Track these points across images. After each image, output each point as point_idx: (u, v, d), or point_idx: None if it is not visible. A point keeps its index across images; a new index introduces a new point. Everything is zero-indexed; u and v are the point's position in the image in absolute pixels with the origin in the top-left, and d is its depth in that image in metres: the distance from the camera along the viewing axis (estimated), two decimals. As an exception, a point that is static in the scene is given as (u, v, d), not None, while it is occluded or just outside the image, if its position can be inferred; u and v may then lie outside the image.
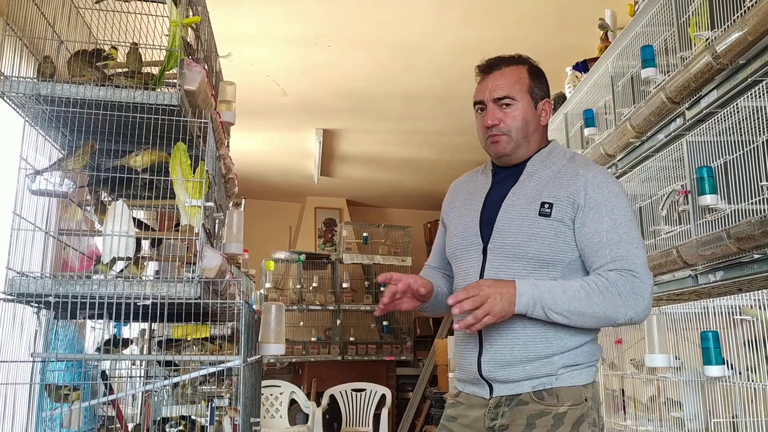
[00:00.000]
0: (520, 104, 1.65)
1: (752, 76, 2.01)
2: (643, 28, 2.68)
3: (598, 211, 1.56)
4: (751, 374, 1.84)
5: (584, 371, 1.57)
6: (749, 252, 1.94)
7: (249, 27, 4.03)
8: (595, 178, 1.59)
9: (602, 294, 1.49)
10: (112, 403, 2.27)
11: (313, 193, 7.79)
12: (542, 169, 1.66)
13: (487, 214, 1.65)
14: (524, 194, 1.63)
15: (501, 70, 1.69)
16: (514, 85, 1.66)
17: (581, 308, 1.49)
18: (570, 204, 1.57)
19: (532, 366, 1.54)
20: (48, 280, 1.81)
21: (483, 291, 1.46)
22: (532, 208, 1.59)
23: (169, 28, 1.91)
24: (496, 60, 1.72)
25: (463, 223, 1.70)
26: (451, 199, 1.83)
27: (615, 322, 1.53)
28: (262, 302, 5.54)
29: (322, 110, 5.36)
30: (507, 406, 1.56)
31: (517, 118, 1.64)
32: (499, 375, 1.56)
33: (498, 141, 1.65)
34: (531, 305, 1.49)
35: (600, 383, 2.75)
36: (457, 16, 3.95)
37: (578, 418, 1.51)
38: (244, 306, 2.24)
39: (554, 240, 1.56)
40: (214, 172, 2.21)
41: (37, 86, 1.80)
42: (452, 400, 1.73)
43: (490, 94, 1.66)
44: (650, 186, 2.62)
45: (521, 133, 1.65)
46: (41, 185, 1.90)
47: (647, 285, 1.51)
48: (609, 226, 1.54)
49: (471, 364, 1.61)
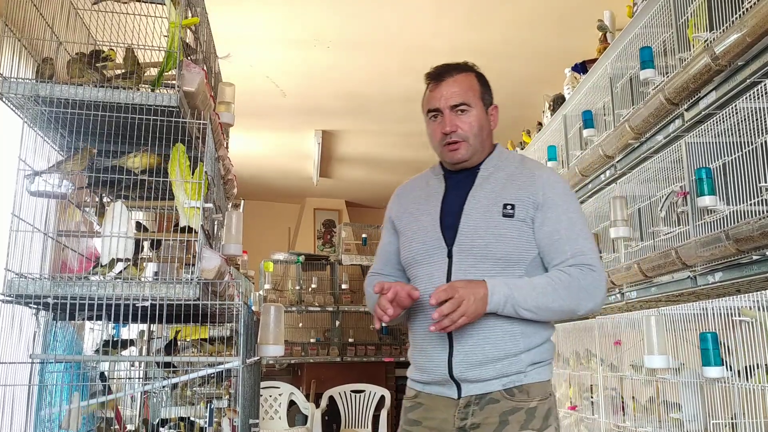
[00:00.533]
0: (475, 110, 1.70)
1: (751, 77, 2.01)
2: (642, 30, 2.68)
3: (555, 210, 1.64)
4: (750, 375, 1.84)
5: (547, 368, 1.65)
6: (748, 253, 1.94)
7: (248, 28, 4.03)
8: (550, 179, 1.68)
9: (566, 289, 1.57)
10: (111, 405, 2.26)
11: (312, 194, 7.80)
12: (496, 172, 1.72)
13: (448, 218, 1.69)
14: (484, 196, 1.68)
15: (453, 77, 1.72)
16: (468, 92, 1.70)
17: (548, 303, 1.57)
18: (531, 204, 1.64)
19: (503, 364, 1.59)
20: (47, 281, 1.81)
21: (458, 293, 1.51)
22: (495, 210, 1.64)
23: (168, 29, 1.91)
24: (445, 67, 1.75)
25: (422, 227, 1.71)
26: (401, 203, 1.84)
27: (575, 314, 1.61)
28: (261, 303, 5.54)
29: (321, 111, 5.37)
30: (477, 404, 1.59)
31: (474, 124, 1.69)
32: (471, 375, 1.59)
33: (457, 148, 1.70)
34: (502, 304, 1.55)
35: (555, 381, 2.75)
36: (456, 18, 3.95)
37: (547, 412, 1.60)
38: (243, 307, 2.24)
39: (518, 240, 1.62)
40: (213, 174, 2.21)
41: (35, 87, 1.80)
42: (410, 402, 1.73)
43: (446, 101, 1.70)
44: (649, 187, 2.63)
45: (478, 139, 1.70)
46: (40, 186, 1.90)
47: (603, 278, 1.61)
48: (566, 224, 1.63)
49: (440, 366, 1.62)
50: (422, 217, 1.73)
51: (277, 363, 6.20)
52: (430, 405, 1.67)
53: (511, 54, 4.39)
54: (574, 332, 3.03)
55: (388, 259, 1.84)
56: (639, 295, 2.70)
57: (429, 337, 1.64)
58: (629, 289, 2.78)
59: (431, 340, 1.64)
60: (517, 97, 5.01)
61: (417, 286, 1.69)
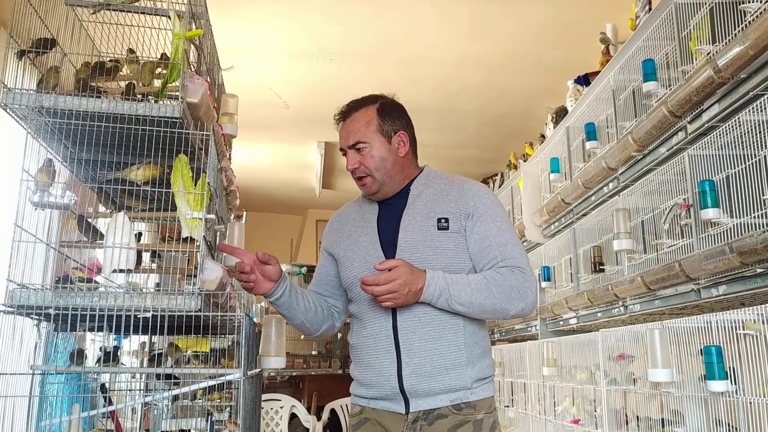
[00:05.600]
0: (373, 145, 1.76)
1: (754, 90, 2.01)
2: (645, 42, 2.69)
3: (485, 219, 1.71)
4: (755, 389, 1.82)
5: (490, 384, 1.73)
6: (752, 266, 1.93)
7: (252, 40, 4.05)
8: (479, 191, 1.76)
9: (499, 287, 1.63)
10: (111, 416, 2.25)
11: (314, 205, 7.80)
12: (426, 190, 1.79)
13: (386, 236, 1.75)
14: (418, 213, 1.74)
15: (351, 117, 1.79)
16: (363, 130, 1.76)
17: (481, 300, 1.62)
18: (463, 215, 1.72)
19: (450, 377, 1.65)
20: (48, 292, 1.80)
21: (401, 279, 1.56)
22: (429, 225, 1.71)
23: (172, 41, 1.92)
24: (348, 108, 1.82)
25: (362, 247, 1.77)
26: (337, 229, 1.89)
27: (507, 314, 1.66)
28: (263, 315, 5.53)
29: (324, 123, 5.36)
30: (425, 420, 1.64)
31: (374, 158, 1.76)
32: (421, 387, 1.64)
33: (364, 183, 1.78)
34: (436, 296, 1.61)
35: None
36: (459, 30, 3.97)
37: (492, 424, 1.68)
38: (244, 319, 2.23)
39: (455, 251, 1.70)
40: (216, 185, 2.21)
41: (39, 98, 1.80)
42: (356, 419, 1.77)
43: (346, 141, 1.78)
44: (652, 199, 2.62)
45: (380, 171, 1.76)
46: (43, 197, 1.90)
47: (533, 281, 1.68)
48: (495, 231, 1.70)
49: (389, 380, 1.66)
50: (361, 238, 1.79)
51: (279, 375, 6.18)
52: (377, 419, 1.71)
53: (514, 66, 4.40)
54: (578, 345, 3.02)
55: (321, 281, 1.91)
56: (642, 308, 2.69)
57: (376, 352, 1.70)
58: (633, 302, 2.77)
59: (378, 355, 1.70)
60: (520, 109, 5.02)
61: (360, 304, 1.77)
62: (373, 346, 1.71)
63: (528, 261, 1.71)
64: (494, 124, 5.39)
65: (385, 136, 1.77)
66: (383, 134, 1.77)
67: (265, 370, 3.39)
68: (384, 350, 1.68)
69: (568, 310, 3.47)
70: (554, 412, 3.27)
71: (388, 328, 1.68)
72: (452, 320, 1.67)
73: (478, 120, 5.32)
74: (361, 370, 1.75)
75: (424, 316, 1.66)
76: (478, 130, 5.55)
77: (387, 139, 1.77)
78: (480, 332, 1.73)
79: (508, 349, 4.13)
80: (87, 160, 2.09)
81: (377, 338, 1.70)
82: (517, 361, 3.93)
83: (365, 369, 1.74)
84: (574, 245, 3.43)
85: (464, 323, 1.68)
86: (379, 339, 1.70)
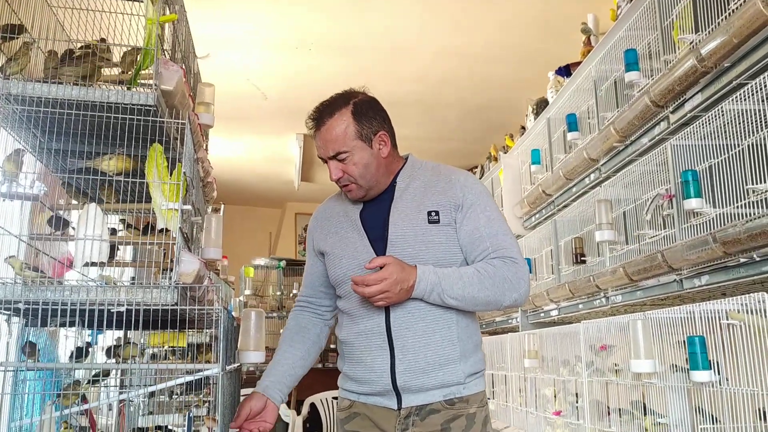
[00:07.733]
0: (355, 152, 1.69)
1: (737, 79, 2.00)
2: (626, 32, 2.68)
3: (474, 210, 1.69)
4: (738, 379, 1.82)
5: (482, 379, 1.73)
6: (735, 256, 1.92)
7: (230, 30, 3.98)
8: (467, 181, 1.74)
9: (491, 279, 1.62)
10: (86, 413, 2.19)
11: (293, 198, 7.74)
12: (413, 182, 1.75)
13: (373, 231, 1.71)
14: (406, 206, 1.71)
15: (326, 124, 1.71)
16: (342, 139, 1.69)
17: (474, 293, 1.60)
18: (453, 208, 1.69)
19: (444, 372, 1.63)
20: (18, 286, 1.74)
21: (391, 279, 1.54)
22: (420, 218, 1.68)
23: (145, 26, 1.86)
24: (319, 113, 1.74)
25: (350, 243, 1.73)
26: (322, 226, 1.84)
27: (501, 305, 1.66)
28: (242, 309, 5.47)
29: (303, 115, 5.28)
30: (417, 415, 1.63)
31: (357, 165, 1.70)
32: (414, 384, 1.63)
33: (350, 189, 1.74)
34: (428, 291, 1.60)
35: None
36: (441, 22, 3.93)
37: (485, 418, 1.68)
38: (222, 312, 2.18)
39: (447, 244, 1.67)
40: (192, 175, 2.15)
41: (7, 85, 1.73)
42: (346, 413, 1.75)
43: (324, 152, 1.72)
44: (634, 190, 2.61)
45: (365, 178, 1.71)
46: (10, 188, 1.83)
47: (526, 270, 1.67)
48: (485, 222, 1.68)
49: (381, 376, 1.64)
50: (348, 234, 1.75)
51: (258, 370, 6.12)
52: (368, 414, 1.69)
53: (496, 57, 4.38)
54: (559, 337, 3.01)
55: (314, 283, 1.88)
56: (624, 299, 2.69)
57: (368, 348, 1.67)
58: (614, 293, 2.76)
59: (370, 351, 1.66)
60: (501, 101, 5.00)
61: (350, 301, 1.72)
62: (365, 342, 1.67)
63: (519, 250, 1.70)
64: (476, 117, 5.37)
65: (365, 140, 1.70)
66: (363, 139, 1.70)
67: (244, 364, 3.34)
68: (377, 347, 1.65)
69: (549, 302, 3.47)
70: (535, 404, 3.26)
71: (380, 325, 1.65)
72: (445, 315, 1.65)
73: (460, 112, 5.29)
74: (352, 366, 1.72)
75: (417, 311, 1.63)
76: (459, 122, 5.52)
77: (367, 143, 1.70)
78: (472, 326, 1.71)
79: (488, 341, 4.12)
80: (57, 149, 2.02)
81: (369, 335, 1.67)
82: (498, 353, 3.93)
83: (356, 365, 1.70)
84: (555, 237, 3.42)
85: (457, 317, 1.66)
86: (372, 335, 1.66)
